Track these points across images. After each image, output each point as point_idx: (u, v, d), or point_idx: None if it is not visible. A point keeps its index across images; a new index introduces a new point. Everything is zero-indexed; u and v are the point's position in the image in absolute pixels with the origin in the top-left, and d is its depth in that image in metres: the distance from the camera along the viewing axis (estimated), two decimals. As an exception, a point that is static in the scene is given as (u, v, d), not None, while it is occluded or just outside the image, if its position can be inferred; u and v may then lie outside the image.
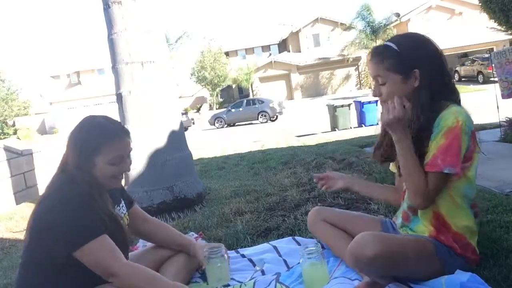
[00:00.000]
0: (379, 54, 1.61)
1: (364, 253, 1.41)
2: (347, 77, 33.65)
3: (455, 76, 25.57)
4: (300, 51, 34.85)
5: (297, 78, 33.95)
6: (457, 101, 1.58)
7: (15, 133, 23.79)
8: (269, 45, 37.32)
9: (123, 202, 1.78)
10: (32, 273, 1.50)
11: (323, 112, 15.03)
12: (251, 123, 22.62)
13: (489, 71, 19.75)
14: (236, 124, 23.31)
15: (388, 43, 1.61)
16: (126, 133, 1.61)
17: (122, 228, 1.58)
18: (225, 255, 1.88)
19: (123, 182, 3.87)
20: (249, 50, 37.22)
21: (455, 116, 1.47)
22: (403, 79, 1.56)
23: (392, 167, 1.79)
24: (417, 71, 1.54)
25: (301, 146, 7.95)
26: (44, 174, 6.38)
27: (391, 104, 1.52)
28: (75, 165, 1.52)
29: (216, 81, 32.18)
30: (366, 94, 24.48)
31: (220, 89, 34.21)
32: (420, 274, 1.52)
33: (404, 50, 1.56)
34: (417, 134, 1.54)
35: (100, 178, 1.55)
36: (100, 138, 1.53)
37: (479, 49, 26.16)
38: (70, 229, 1.42)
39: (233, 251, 2.26)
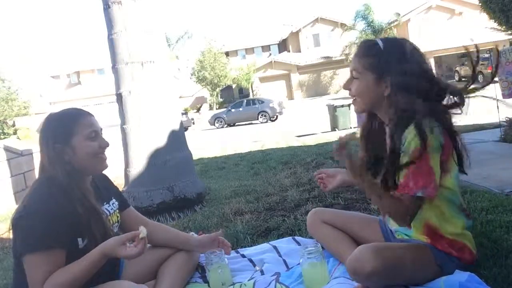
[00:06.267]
0: (363, 48, 1.59)
1: (363, 269, 1.41)
2: (347, 77, 33.61)
3: (455, 76, 25.57)
4: (300, 51, 34.84)
5: (297, 78, 33.94)
6: (444, 122, 1.46)
7: (15, 133, 23.73)
8: (269, 45, 37.31)
9: (114, 200, 1.77)
10: (20, 273, 1.49)
11: (323, 112, 15.01)
12: (251, 123, 22.60)
13: (489, 71, 19.72)
14: (236, 124, 23.29)
15: (378, 40, 1.57)
16: (89, 113, 1.64)
17: (102, 220, 1.56)
18: (225, 259, 1.92)
19: (123, 182, 3.90)
20: (249, 50, 37.21)
21: (419, 136, 1.40)
22: (375, 80, 1.53)
23: None
24: (388, 79, 1.49)
25: (301, 146, 7.95)
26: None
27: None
28: (49, 160, 1.53)
29: (216, 81, 32.17)
30: (366, 94, 24.42)
31: (220, 89, 34.19)
32: (420, 279, 1.52)
33: (387, 52, 1.51)
34: (390, 153, 1.49)
35: (82, 162, 1.55)
36: (69, 121, 1.57)
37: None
38: (24, 234, 1.42)
39: (233, 251, 2.25)
